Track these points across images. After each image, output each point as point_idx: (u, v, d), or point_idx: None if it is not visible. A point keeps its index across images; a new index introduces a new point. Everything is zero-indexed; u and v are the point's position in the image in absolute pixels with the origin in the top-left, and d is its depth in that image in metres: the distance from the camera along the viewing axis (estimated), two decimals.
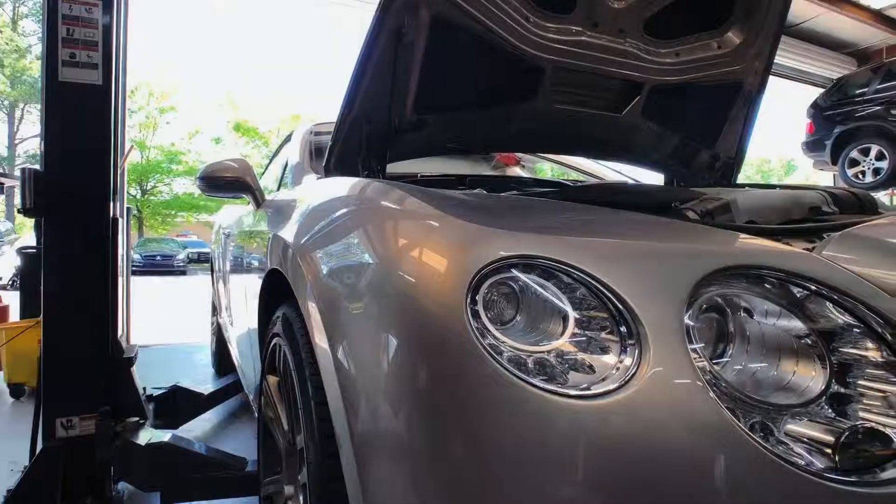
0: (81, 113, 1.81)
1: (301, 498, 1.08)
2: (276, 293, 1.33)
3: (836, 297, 0.68)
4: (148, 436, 1.81)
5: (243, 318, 2.02)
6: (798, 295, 0.69)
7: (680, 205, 1.03)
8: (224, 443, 2.39)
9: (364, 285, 0.82)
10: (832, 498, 0.57)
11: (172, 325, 6.51)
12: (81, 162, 1.83)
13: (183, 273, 18.82)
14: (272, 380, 1.34)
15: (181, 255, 19.78)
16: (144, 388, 2.25)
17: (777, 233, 0.85)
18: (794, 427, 0.63)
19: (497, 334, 0.67)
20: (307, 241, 1.12)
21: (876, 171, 7.13)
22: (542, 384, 0.62)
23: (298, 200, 1.43)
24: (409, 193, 0.94)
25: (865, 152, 7.23)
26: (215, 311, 3.67)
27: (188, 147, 26.10)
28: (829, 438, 0.61)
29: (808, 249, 0.76)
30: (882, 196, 8.96)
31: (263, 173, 3.46)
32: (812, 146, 7.87)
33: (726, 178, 2.13)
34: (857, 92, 7.39)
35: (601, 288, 0.66)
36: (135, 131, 25.13)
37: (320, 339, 0.90)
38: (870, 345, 0.66)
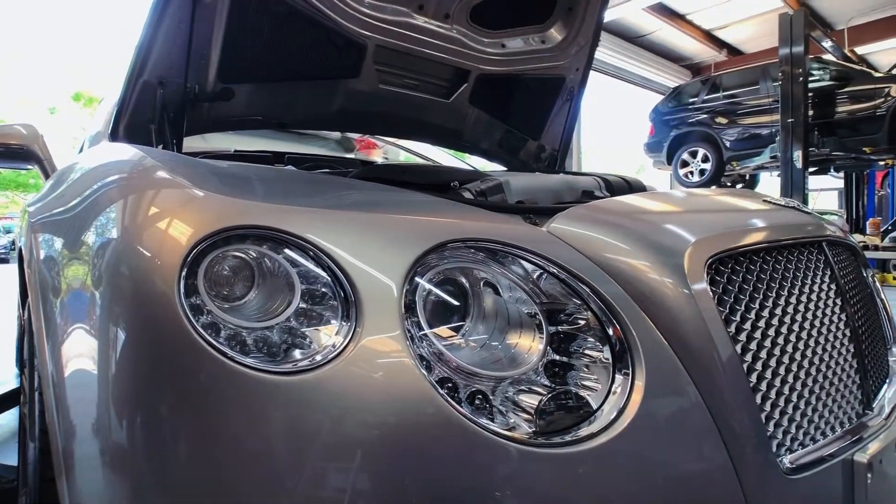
0: None
1: None
2: None
3: (558, 273, 0.71)
4: None
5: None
6: (528, 270, 0.72)
7: (459, 185, 1.04)
8: (7, 453, 2.07)
9: (74, 264, 0.72)
10: (531, 460, 0.59)
11: None
12: None
13: (5, 261, 16.27)
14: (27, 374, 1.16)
15: (3, 241, 17.11)
16: None
17: (529, 211, 0.89)
18: (513, 396, 0.65)
19: (217, 311, 0.61)
20: (40, 218, 0.97)
21: (702, 172, 8.15)
22: (251, 363, 0.58)
23: (62, 171, 1.25)
24: (160, 163, 0.83)
25: (694, 154, 8.22)
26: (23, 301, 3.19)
27: (14, 117, 22.52)
28: (535, 404, 0.63)
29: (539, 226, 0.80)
30: None
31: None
32: (652, 147, 8.78)
33: (552, 167, 2.25)
34: (690, 100, 8.36)
35: (328, 261, 0.64)
36: None
37: (38, 324, 0.78)
38: (585, 317, 0.70)
